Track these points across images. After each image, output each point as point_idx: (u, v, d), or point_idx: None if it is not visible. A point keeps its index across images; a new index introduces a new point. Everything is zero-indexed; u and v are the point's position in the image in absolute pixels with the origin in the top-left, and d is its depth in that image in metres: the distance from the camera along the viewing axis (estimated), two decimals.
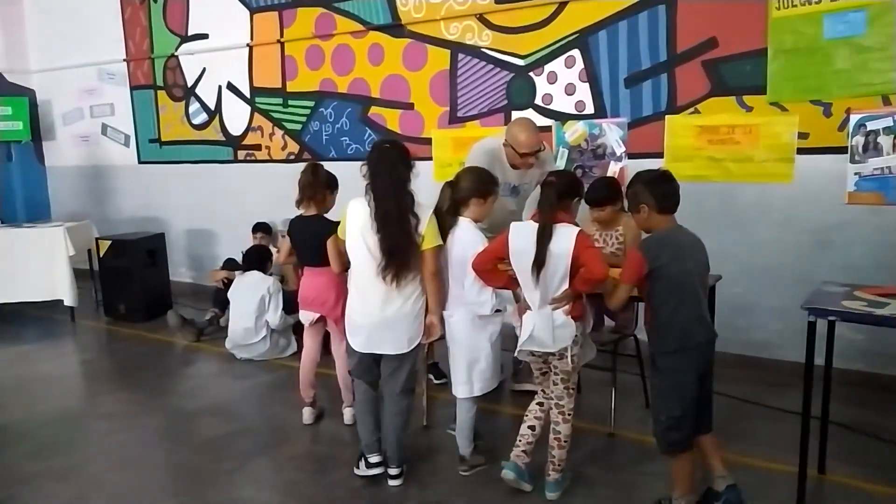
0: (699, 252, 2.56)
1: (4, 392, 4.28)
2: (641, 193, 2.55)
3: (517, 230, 2.69)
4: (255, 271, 4.79)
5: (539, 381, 2.84)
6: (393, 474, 2.94)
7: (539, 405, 2.85)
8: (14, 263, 5.64)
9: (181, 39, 6.43)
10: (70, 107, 7.47)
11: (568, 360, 2.66)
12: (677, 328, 2.49)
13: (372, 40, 5.32)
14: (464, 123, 4.99)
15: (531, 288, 2.62)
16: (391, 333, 2.83)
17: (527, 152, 3.40)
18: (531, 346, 2.67)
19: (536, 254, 2.56)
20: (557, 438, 2.76)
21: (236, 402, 4.03)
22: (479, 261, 2.74)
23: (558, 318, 2.61)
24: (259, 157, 6.18)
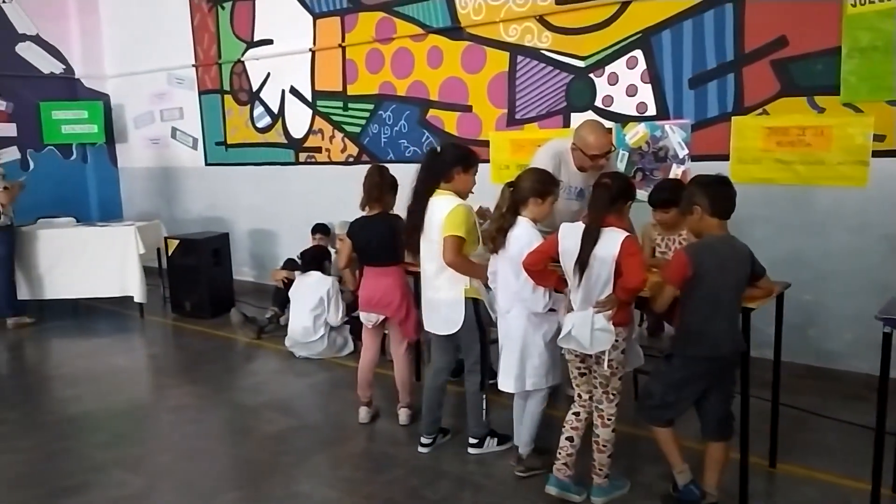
0: (743, 265, 2.53)
1: (79, 383, 4.50)
2: (696, 194, 2.54)
3: (566, 231, 2.68)
4: (316, 272, 4.89)
5: (576, 382, 2.80)
6: (471, 443, 3.23)
7: (575, 415, 2.81)
8: (88, 261, 5.92)
9: (247, 45, 6.63)
10: (142, 111, 7.79)
11: (605, 365, 2.64)
12: (706, 338, 2.51)
13: (431, 43, 5.35)
14: (522, 126, 4.97)
15: (574, 289, 2.63)
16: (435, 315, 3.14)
17: (597, 154, 3.34)
18: (568, 344, 2.67)
19: (579, 255, 2.56)
20: (597, 443, 2.73)
21: (296, 399, 4.12)
22: (531, 260, 2.74)
23: (598, 321, 2.58)
24: (319, 159, 6.30)
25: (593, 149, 3.33)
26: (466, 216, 2.99)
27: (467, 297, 3.05)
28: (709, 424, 2.63)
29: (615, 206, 2.62)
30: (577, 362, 2.75)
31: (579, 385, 2.78)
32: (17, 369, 5.05)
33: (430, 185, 3.08)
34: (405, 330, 3.54)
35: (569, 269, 2.63)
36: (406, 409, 3.62)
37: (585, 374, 2.74)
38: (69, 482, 3.09)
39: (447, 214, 2.98)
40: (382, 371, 3.84)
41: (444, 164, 3.07)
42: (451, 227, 2.96)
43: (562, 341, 2.69)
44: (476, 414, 3.20)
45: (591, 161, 3.36)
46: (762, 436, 2.97)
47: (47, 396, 4.38)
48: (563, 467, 2.78)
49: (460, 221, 2.97)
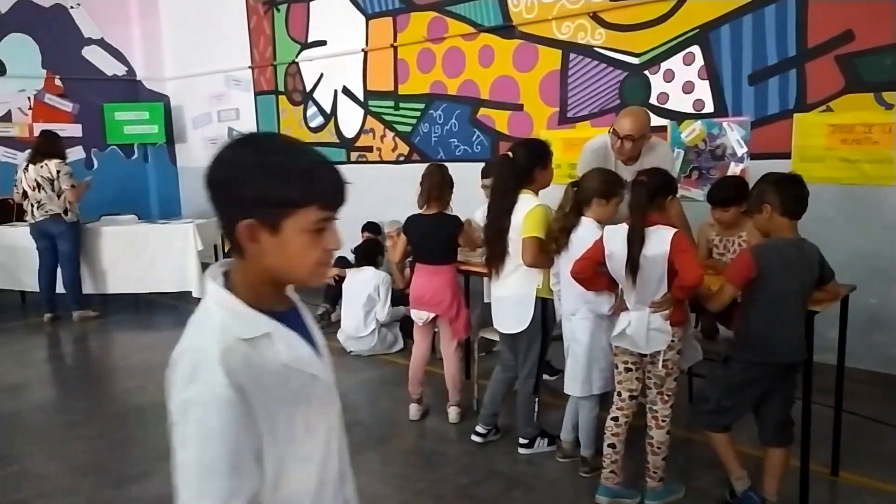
0: (811, 269, 2.45)
1: (142, 375, 4.67)
2: (767, 192, 2.45)
3: (610, 233, 2.63)
4: (368, 267, 4.95)
5: (619, 378, 2.74)
6: (520, 443, 3.23)
7: (614, 420, 2.75)
8: (149, 257, 6.13)
9: (301, 46, 6.76)
10: (200, 111, 8.03)
11: (660, 366, 2.59)
12: (767, 343, 2.45)
13: (483, 42, 5.36)
14: (574, 124, 4.93)
15: (628, 290, 2.59)
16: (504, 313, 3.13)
17: (627, 134, 3.18)
18: (623, 343, 2.64)
19: (628, 258, 2.51)
20: (651, 445, 2.68)
21: (347, 395, 4.18)
22: (579, 268, 2.70)
23: (654, 320, 2.54)
24: (370, 158, 6.38)
25: (623, 129, 3.21)
26: (545, 216, 2.97)
27: (538, 297, 3.04)
28: (768, 430, 2.57)
29: (655, 202, 2.56)
30: (627, 357, 2.68)
31: (622, 382, 2.72)
32: (83, 361, 5.28)
33: (510, 193, 3.02)
34: (455, 329, 3.56)
35: (618, 272, 2.59)
36: (456, 408, 3.64)
37: (631, 371, 2.69)
38: (133, 470, 3.21)
39: (526, 215, 2.96)
40: (432, 369, 3.86)
41: (522, 167, 3.02)
42: (531, 228, 2.93)
43: (615, 339, 2.66)
44: (527, 416, 3.20)
45: (618, 143, 3.27)
46: (824, 443, 2.89)
47: (111, 387, 4.57)
48: (612, 475, 2.74)
49: (540, 222, 2.94)
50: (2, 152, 7.25)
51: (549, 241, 2.96)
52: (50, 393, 4.52)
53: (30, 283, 6.16)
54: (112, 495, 2.98)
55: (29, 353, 5.33)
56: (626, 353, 2.68)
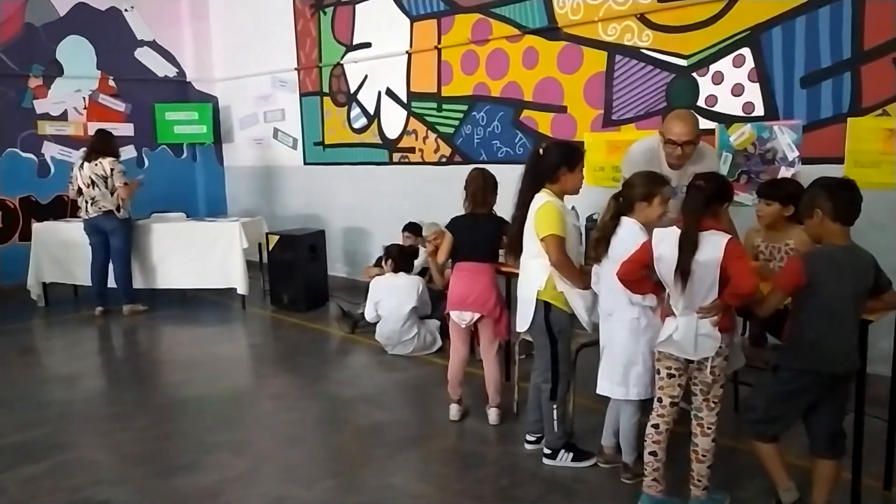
0: (864, 277, 2.38)
1: (188, 368, 4.79)
2: (819, 197, 2.40)
3: (660, 237, 2.58)
4: (402, 273, 4.96)
5: (661, 384, 2.67)
6: (545, 453, 3.17)
7: (655, 427, 2.69)
8: (196, 254, 6.28)
9: (346, 48, 6.84)
10: (246, 112, 8.19)
11: (707, 372, 2.54)
12: (818, 352, 2.39)
13: (527, 44, 5.34)
14: (619, 126, 4.88)
15: (676, 294, 2.53)
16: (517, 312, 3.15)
17: (672, 140, 3.22)
18: (670, 348, 2.58)
19: (680, 262, 2.46)
20: (695, 451, 2.63)
21: (387, 394, 4.22)
22: (625, 270, 2.66)
23: (703, 326, 2.49)
24: (412, 159, 6.42)
25: (671, 134, 3.21)
26: (557, 212, 2.93)
27: (538, 299, 3.01)
28: (818, 441, 2.50)
29: (711, 208, 2.52)
30: (671, 363, 2.62)
31: (663, 388, 2.67)
32: (132, 354, 5.44)
33: (533, 189, 3.04)
34: (498, 329, 3.57)
35: (666, 276, 2.55)
36: (496, 409, 3.64)
37: (674, 377, 2.64)
38: (181, 461, 3.30)
39: (536, 212, 2.96)
40: (471, 370, 3.87)
41: (548, 165, 3.01)
42: (546, 226, 2.91)
43: (662, 345, 2.61)
44: (548, 424, 3.14)
45: (670, 148, 3.25)
46: (877, 457, 2.80)
47: (159, 380, 4.70)
48: (654, 483, 2.70)
49: (552, 219, 2.91)
50: (58, 150, 7.51)
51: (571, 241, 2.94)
52: (101, 384, 4.67)
53: (82, 278, 6.37)
54: (160, 485, 3.07)
55: (81, 345, 5.52)
56: (670, 358, 2.62)
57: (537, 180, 3.03)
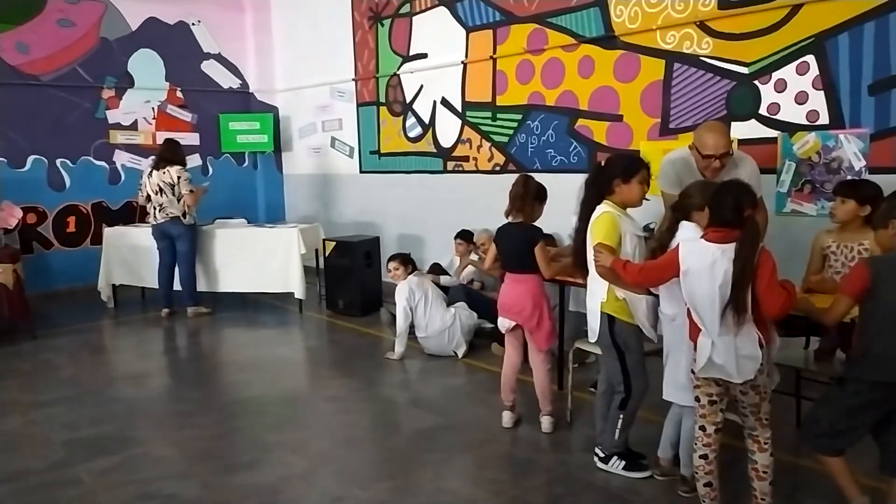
0: None
1: (249, 369, 4.95)
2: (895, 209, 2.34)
3: (689, 249, 2.52)
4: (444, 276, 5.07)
5: (704, 411, 2.58)
6: (598, 456, 3.17)
7: (704, 459, 2.59)
8: (257, 259, 6.47)
9: (403, 59, 6.97)
10: (305, 122, 8.42)
11: (753, 393, 2.49)
12: (887, 362, 2.31)
13: (583, 53, 5.34)
14: (676, 135, 4.82)
15: (707, 311, 2.45)
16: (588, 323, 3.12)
17: (710, 154, 3.17)
18: (712, 373, 2.50)
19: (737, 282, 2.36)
20: (756, 470, 2.57)
21: (440, 399, 4.27)
22: (646, 277, 2.66)
23: (744, 346, 2.42)
24: (466, 168, 6.48)
25: (707, 148, 3.16)
26: (611, 222, 2.92)
27: (602, 312, 2.99)
28: (891, 458, 2.42)
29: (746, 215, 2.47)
30: (711, 389, 2.55)
31: (706, 416, 2.58)
32: (196, 354, 5.64)
33: (593, 202, 3.03)
34: (536, 339, 3.56)
35: (695, 292, 2.48)
36: (548, 417, 3.65)
37: (715, 403, 2.57)
38: (242, 459, 3.42)
39: (593, 221, 2.97)
40: (526, 377, 3.88)
41: (605, 177, 3.02)
42: (599, 234, 2.92)
43: (702, 371, 2.51)
44: (610, 430, 3.12)
45: (703, 161, 3.20)
46: None
47: (221, 380, 4.87)
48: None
49: (603, 228, 2.92)
50: (128, 158, 7.88)
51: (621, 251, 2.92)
52: (167, 382, 4.87)
53: (150, 280, 6.65)
54: (223, 481, 3.19)
55: (148, 344, 5.76)
56: (710, 384, 2.54)
57: (597, 192, 3.04)
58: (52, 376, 4.80)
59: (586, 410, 3.75)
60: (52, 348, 5.48)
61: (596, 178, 3.06)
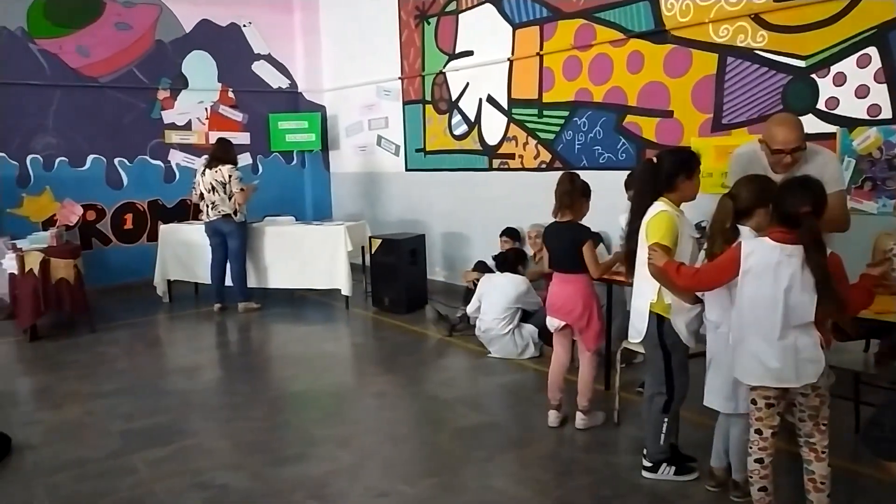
0: None
1: (296, 364, 5.04)
2: None
3: (751, 248, 2.44)
4: (507, 273, 5.03)
5: (759, 415, 2.50)
6: (645, 467, 3.09)
7: (759, 463, 2.52)
8: (304, 255, 6.58)
9: (449, 57, 6.97)
10: (352, 121, 8.51)
11: (813, 396, 2.41)
12: None
13: (632, 48, 5.25)
14: (729, 131, 4.70)
15: (768, 313, 2.37)
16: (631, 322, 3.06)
17: (780, 149, 3.02)
18: (768, 381, 2.43)
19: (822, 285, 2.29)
20: (813, 481, 2.48)
21: (485, 397, 4.26)
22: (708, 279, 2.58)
23: (804, 349, 2.34)
24: (512, 165, 6.45)
25: (777, 143, 3.01)
26: (669, 222, 2.83)
27: (652, 312, 2.92)
28: None
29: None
30: (768, 392, 2.47)
31: (762, 420, 2.51)
32: (246, 348, 5.77)
33: (648, 200, 2.93)
34: (585, 339, 3.53)
35: (755, 294, 2.41)
36: (581, 414, 3.63)
37: (773, 406, 2.49)
38: (290, 452, 3.48)
39: (648, 221, 2.88)
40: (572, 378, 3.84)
41: (665, 173, 2.89)
42: (655, 233, 2.83)
43: (757, 379, 2.44)
44: (654, 436, 3.05)
45: (773, 156, 3.07)
46: None
47: (270, 374, 4.97)
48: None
49: (662, 227, 2.83)
50: (182, 157, 8.10)
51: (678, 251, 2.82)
52: (218, 375, 4.99)
53: (203, 276, 6.84)
54: (273, 473, 3.25)
55: (200, 338, 5.92)
56: (766, 389, 2.48)
57: (653, 190, 2.93)
58: (109, 368, 4.98)
59: (633, 411, 3.70)
60: (110, 341, 5.68)
61: (651, 176, 2.94)
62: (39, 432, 3.78)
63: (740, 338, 2.50)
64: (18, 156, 7.10)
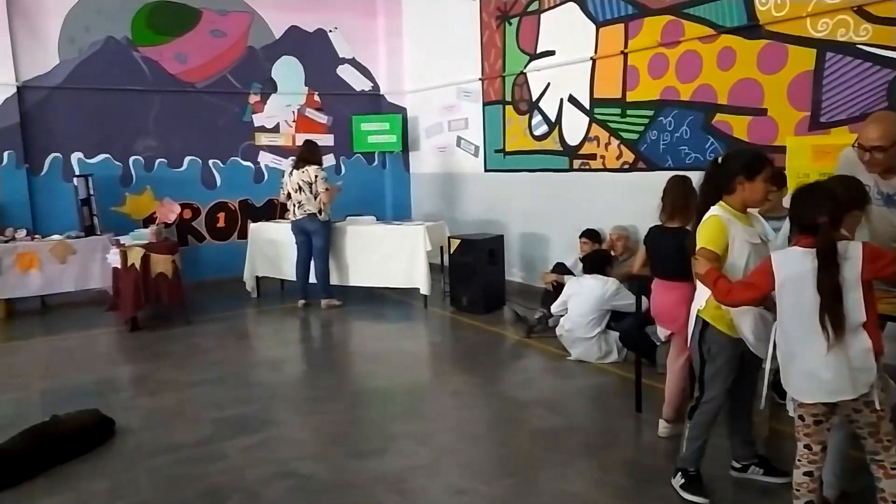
0: None
1: (376, 360, 5.15)
2: None
3: (783, 258, 2.36)
4: (594, 274, 4.95)
5: (808, 431, 2.38)
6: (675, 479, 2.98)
7: (809, 476, 2.38)
8: (384, 254, 6.72)
9: (530, 57, 6.94)
10: (432, 122, 8.61)
11: (868, 411, 2.26)
12: None
13: (722, 44, 5.07)
14: (828, 129, 4.46)
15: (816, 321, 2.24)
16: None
17: (862, 145, 2.86)
18: (822, 396, 2.30)
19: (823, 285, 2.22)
20: (883, 499, 2.33)
21: (563, 400, 4.21)
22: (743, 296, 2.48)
23: (856, 358, 2.21)
24: (593, 166, 6.35)
25: (862, 138, 2.85)
26: (720, 227, 2.68)
27: (698, 316, 2.83)
28: None
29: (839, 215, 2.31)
30: (817, 409, 2.35)
31: (810, 436, 2.38)
32: (328, 344, 5.94)
33: (710, 201, 2.80)
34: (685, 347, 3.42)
35: (796, 305, 2.30)
36: (664, 422, 3.54)
37: (821, 422, 2.37)
38: (369, 446, 3.56)
39: (701, 224, 2.76)
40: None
41: (725, 175, 2.76)
42: (703, 239, 2.71)
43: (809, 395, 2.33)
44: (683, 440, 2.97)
45: (869, 156, 2.87)
46: None
47: (351, 369, 5.10)
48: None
49: (710, 233, 2.69)
50: (270, 159, 8.42)
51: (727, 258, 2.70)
52: (302, 369, 5.17)
53: (288, 273, 7.09)
54: (354, 466, 3.34)
55: (285, 333, 6.15)
56: (818, 405, 2.34)
57: (714, 192, 2.80)
58: (202, 359, 5.24)
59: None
60: (203, 333, 5.98)
61: (714, 176, 2.80)
62: (139, 417, 4.03)
63: (789, 354, 2.38)
64: (122, 157, 7.58)
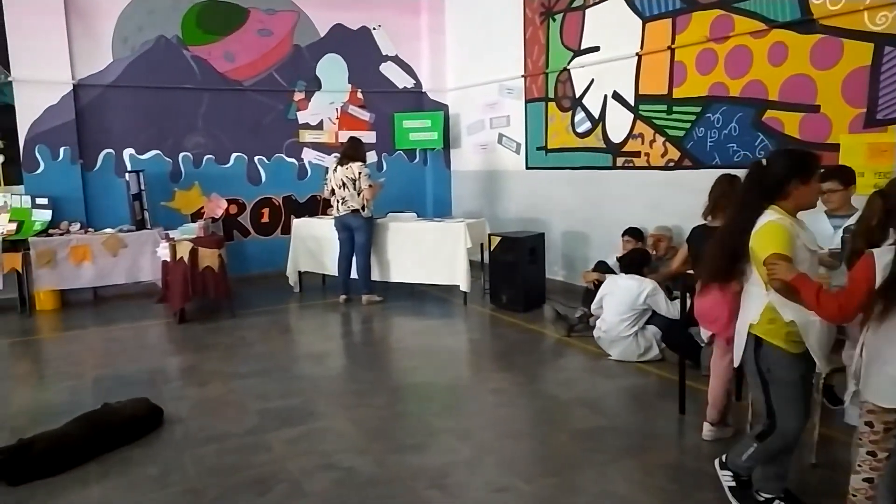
0: None
1: (416, 356, 5.18)
2: None
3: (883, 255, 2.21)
4: (632, 274, 4.90)
5: (875, 437, 2.28)
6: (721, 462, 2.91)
7: (869, 482, 2.30)
8: (425, 251, 6.75)
9: (574, 54, 6.87)
10: (474, 119, 8.60)
11: None
12: None
13: (774, 39, 4.94)
14: (885, 127, 4.31)
15: None
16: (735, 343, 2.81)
17: None
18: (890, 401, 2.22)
19: None
20: None
21: (605, 400, 4.18)
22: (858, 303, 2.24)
23: None
24: (637, 163, 6.26)
25: None
26: (783, 231, 2.50)
27: (749, 333, 2.65)
28: None
29: None
30: (890, 417, 2.25)
31: (878, 443, 2.29)
32: (369, 339, 6.00)
33: (757, 208, 2.60)
34: (729, 348, 3.36)
35: None
36: (708, 425, 3.48)
37: (891, 429, 2.27)
38: (411, 441, 3.59)
39: (756, 233, 2.56)
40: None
41: (776, 178, 2.56)
42: (765, 244, 2.50)
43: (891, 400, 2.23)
44: (739, 449, 2.79)
45: None
46: None
47: (392, 364, 5.13)
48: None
49: (774, 237, 2.50)
50: (314, 156, 8.54)
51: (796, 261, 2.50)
52: (344, 363, 5.23)
53: (330, 268, 7.18)
54: (395, 460, 3.37)
55: (328, 327, 6.23)
56: (888, 410, 2.25)
57: (762, 198, 2.60)
58: (247, 351, 5.35)
59: None
60: (248, 326, 6.11)
61: (761, 179, 2.62)
62: (187, 407, 4.14)
63: (876, 356, 2.26)
64: (172, 153, 7.78)
